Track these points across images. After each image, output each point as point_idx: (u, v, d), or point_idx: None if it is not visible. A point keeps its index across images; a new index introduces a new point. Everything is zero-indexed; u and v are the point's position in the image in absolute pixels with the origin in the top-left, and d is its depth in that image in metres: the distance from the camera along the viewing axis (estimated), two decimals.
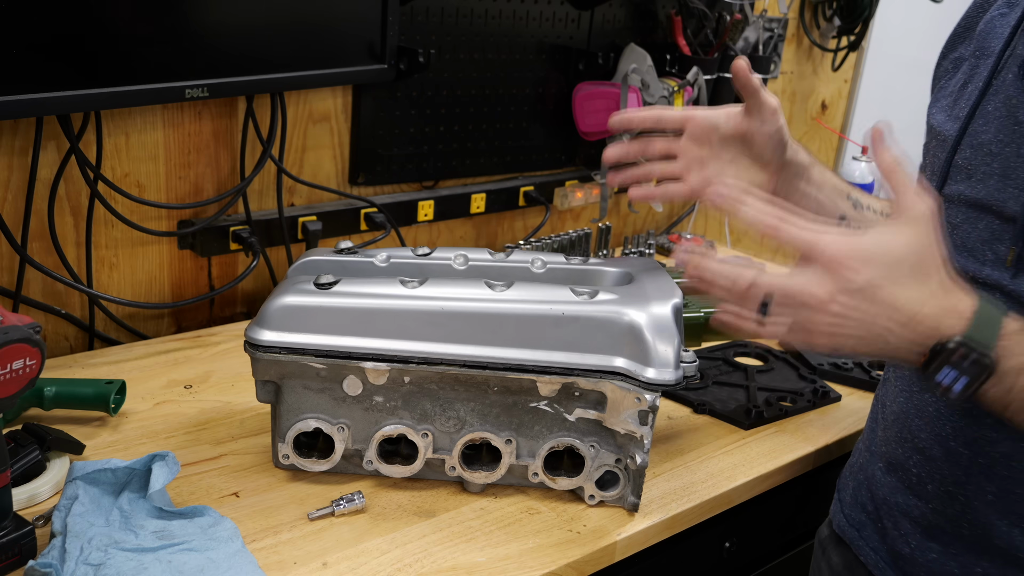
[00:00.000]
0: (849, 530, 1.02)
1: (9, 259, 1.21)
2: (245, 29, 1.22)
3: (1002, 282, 0.83)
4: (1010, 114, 0.84)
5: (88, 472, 0.90)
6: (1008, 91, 0.84)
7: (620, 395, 0.93)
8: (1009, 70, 0.86)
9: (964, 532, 0.88)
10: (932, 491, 0.91)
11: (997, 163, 0.84)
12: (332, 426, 0.97)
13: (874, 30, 2.34)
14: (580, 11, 1.70)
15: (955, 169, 0.89)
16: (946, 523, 0.90)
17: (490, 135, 1.67)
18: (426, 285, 0.95)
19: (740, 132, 1.01)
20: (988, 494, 0.86)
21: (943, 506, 0.90)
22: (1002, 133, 0.84)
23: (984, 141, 0.86)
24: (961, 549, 0.89)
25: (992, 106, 0.86)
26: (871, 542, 0.99)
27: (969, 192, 0.86)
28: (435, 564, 0.89)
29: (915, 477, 0.92)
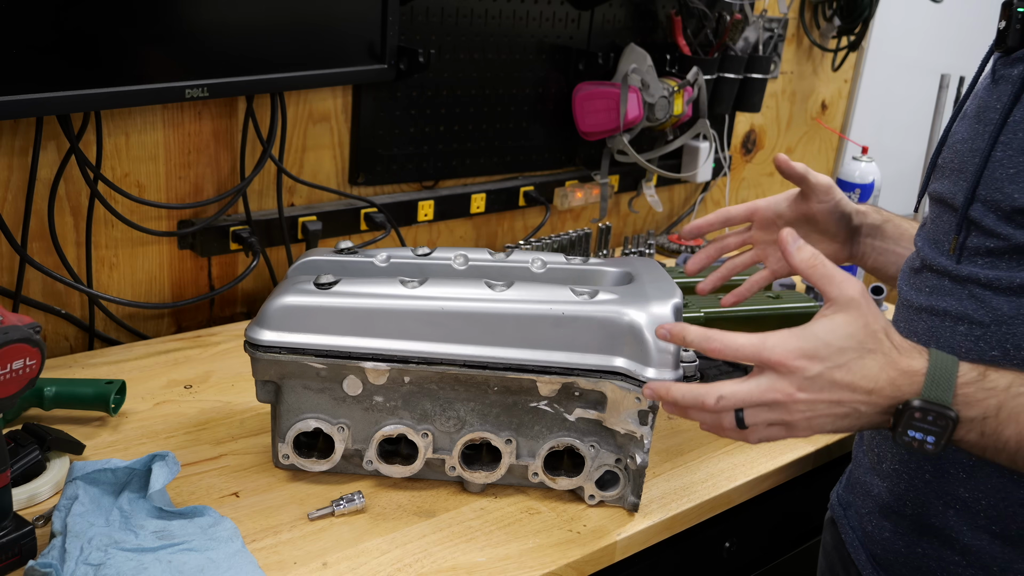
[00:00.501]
0: (838, 508, 1.05)
1: (9, 259, 1.21)
2: (245, 29, 1.22)
3: (948, 268, 0.87)
4: (977, 114, 0.88)
5: (88, 472, 0.90)
6: (981, 93, 0.89)
7: (620, 395, 0.93)
8: (988, 75, 0.90)
9: (907, 511, 0.91)
10: (885, 469, 0.94)
11: (958, 160, 0.88)
12: (332, 426, 0.97)
13: (874, 30, 2.34)
14: (580, 11, 1.70)
15: (937, 169, 0.94)
16: (894, 501, 0.92)
17: (490, 135, 1.67)
18: (426, 285, 0.95)
19: (802, 213, 1.10)
20: (926, 473, 0.88)
21: (893, 484, 0.93)
22: (968, 132, 0.88)
23: (956, 140, 0.90)
24: (906, 528, 0.92)
25: (971, 108, 0.90)
26: (852, 520, 1.02)
27: (938, 188, 0.91)
28: (435, 564, 0.89)
29: (876, 456, 0.96)
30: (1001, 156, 0.82)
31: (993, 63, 0.89)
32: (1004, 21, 0.85)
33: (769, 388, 0.77)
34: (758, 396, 0.77)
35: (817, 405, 0.77)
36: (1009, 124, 0.81)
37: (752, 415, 0.79)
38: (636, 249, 1.79)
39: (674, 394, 0.81)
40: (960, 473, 0.85)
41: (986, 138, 0.83)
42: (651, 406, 0.92)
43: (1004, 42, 0.85)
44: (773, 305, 1.52)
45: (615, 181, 1.89)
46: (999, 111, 0.83)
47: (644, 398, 0.91)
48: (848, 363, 0.76)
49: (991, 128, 0.83)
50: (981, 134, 0.85)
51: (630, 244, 1.82)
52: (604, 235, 1.74)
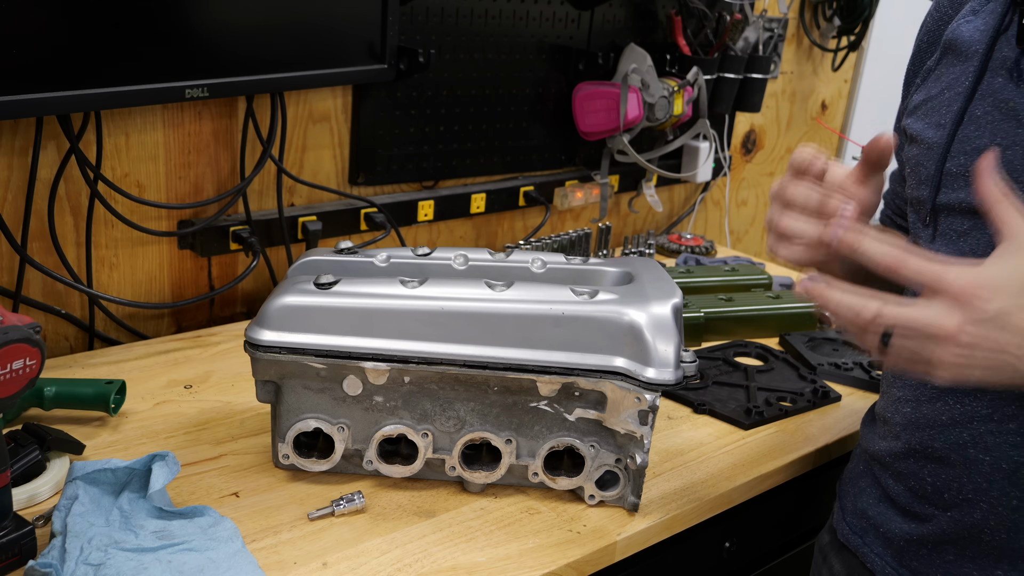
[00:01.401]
0: (852, 536, 1.01)
1: (9, 259, 1.21)
2: (245, 29, 1.22)
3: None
4: (1006, 116, 0.83)
5: (88, 472, 0.90)
6: (999, 95, 0.84)
7: (620, 395, 0.93)
8: (996, 74, 0.85)
9: (985, 538, 0.87)
10: (950, 499, 0.90)
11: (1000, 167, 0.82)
12: (332, 426, 0.97)
13: (874, 30, 2.34)
14: (580, 11, 1.70)
15: (948, 176, 0.88)
16: (965, 530, 0.89)
17: (490, 135, 1.67)
18: (426, 285, 0.95)
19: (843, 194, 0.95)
20: (1013, 499, 0.85)
21: (963, 514, 0.89)
22: (999, 136, 0.83)
23: (980, 146, 0.85)
24: (979, 552, 0.88)
25: (981, 110, 0.86)
26: (874, 547, 0.98)
27: (969, 199, 0.85)
28: (435, 564, 0.89)
29: (930, 487, 0.91)
30: None
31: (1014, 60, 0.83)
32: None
33: (934, 319, 0.70)
34: (920, 324, 0.71)
35: (978, 350, 0.70)
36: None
37: (901, 342, 0.72)
38: (636, 249, 1.79)
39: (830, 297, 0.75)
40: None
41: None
42: (651, 406, 0.92)
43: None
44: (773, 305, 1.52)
45: (615, 181, 1.89)
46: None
47: (643, 400, 0.91)
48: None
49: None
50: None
51: (630, 244, 1.82)
52: (604, 235, 1.75)
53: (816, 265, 0.91)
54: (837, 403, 1.32)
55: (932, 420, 0.90)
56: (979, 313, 0.70)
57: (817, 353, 1.44)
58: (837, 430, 1.24)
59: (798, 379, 1.37)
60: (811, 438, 1.21)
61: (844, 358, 1.43)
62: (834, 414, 1.28)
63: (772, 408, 1.26)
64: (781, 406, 1.27)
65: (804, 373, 1.39)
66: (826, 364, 1.41)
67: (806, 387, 1.34)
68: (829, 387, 1.34)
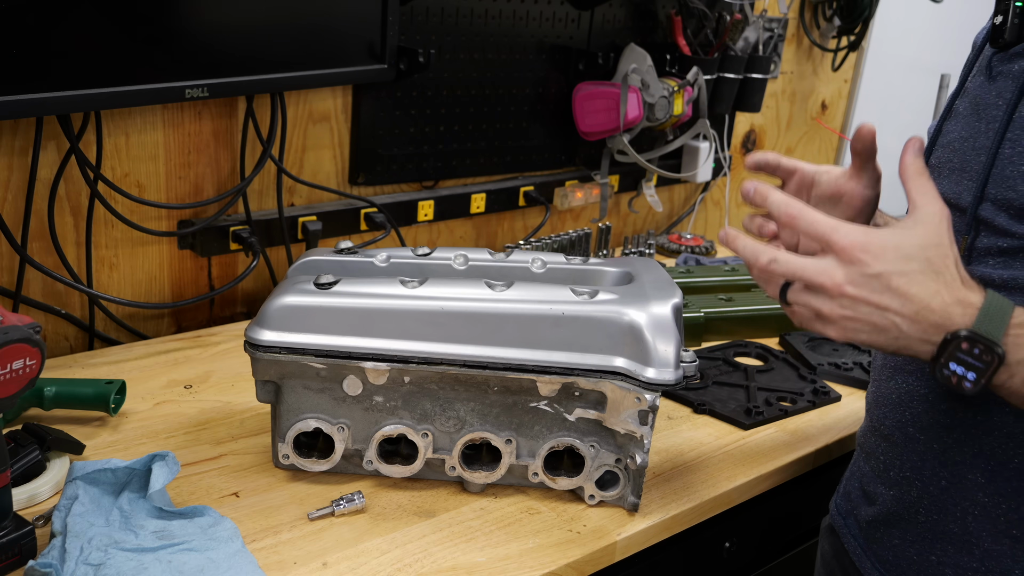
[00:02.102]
0: (837, 518, 1.05)
1: (9, 259, 1.21)
2: (245, 29, 1.22)
3: None
4: (974, 111, 0.86)
5: (88, 472, 0.90)
6: (976, 91, 0.87)
7: (620, 395, 0.93)
8: (980, 72, 0.88)
9: (920, 518, 0.90)
10: (894, 477, 0.93)
11: (957, 159, 0.87)
12: (332, 426, 0.97)
13: (874, 30, 2.34)
14: (580, 11, 1.70)
15: (930, 169, 0.90)
16: (904, 509, 0.92)
17: (490, 135, 1.67)
18: (426, 285, 0.95)
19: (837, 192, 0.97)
20: (942, 480, 0.87)
21: (902, 492, 0.92)
22: (966, 130, 0.87)
23: (952, 139, 0.89)
24: (917, 535, 0.91)
25: (963, 106, 0.89)
26: (852, 530, 1.01)
27: (944, 190, 0.88)
28: (435, 564, 0.89)
29: (882, 464, 0.95)
30: (1010, 153, 0.80)
31: (988, 59, 0.87)
32: (1000, 16, 0.83)
33: (822, 271, 0.75)
34: (809, 274, 0.75)
35: (861, 307, 0.74)
36: (1016, 120, 0.80)
37: (796, 293, 0.77)
38: (636, 249, 1.79)
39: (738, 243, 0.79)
40: (979, 478, 0.84)
41: (990, 136, 0.82)
42: (651, 406, 0.92)
43: (1001, 37, 0.84)
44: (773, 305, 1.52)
45: (615, 181, 1.89)
46: (1001, 107, 0.82)
47: (643, 400, 0.91)
48: (910, 273, 0.73)
49: (995, 125, 0.82)
50: (983, 132, 0.84)
51: (630, 244, 1.82)
52: (604, 235, 1.75)
53: None
54: (837, 403, 1.32)
55: (887, 398, 0.94)
56: (861, 270, 0.73)
57: (817, 353, 1.44)
58: (837, 430, 1.24)
59: (798, 379, 1.37)
60: (811, 438, 1.21)
61: (844, 358, 1.43)
62: (834, 414, 1.28)
63: (772, 408, 1.26)
64: (781, 406, 1.27)
65: (804, 373, 1.39)
66: (826, 364, 1.41)
67: (806, 387, 1.34)
68: (829, 387, 1.34)
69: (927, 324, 0.74)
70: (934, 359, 0.74)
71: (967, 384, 0.73)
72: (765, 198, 0.79)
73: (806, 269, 0.75)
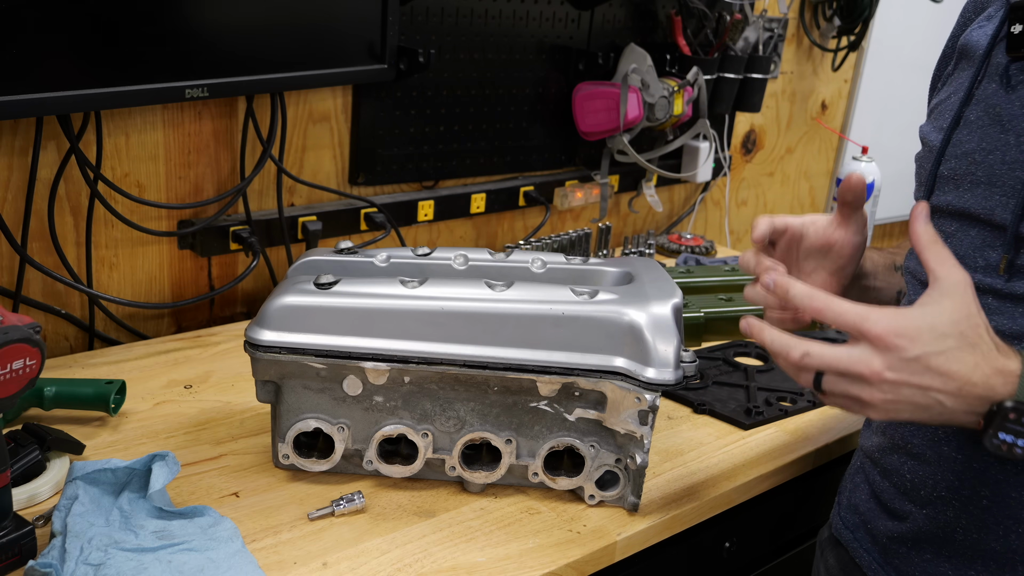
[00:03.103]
0: (845, 531, 1.02)
1: (9, 259, 1.21)
2: (245, 29, 1.22)
3: (995, 286, 0.84)
4: (993, 122, 0.84)
5: (88, 472, 0.90)
6: (991, 100, 0.85)
7: (620, 395, 0.93)
8: (991, 79, 0.86)
9: (958, 537, 0.88)
10: (926, 496, 0.91)
11: (982, 171, 0.85)
12: (332, 426, 0.97)
13: (874, 30, 2.34)
14: (580, 11, 1.70)
15: (941, 179, 0.90)
16: (939, 528, 0.90)
17: (490, 135, 1.67)
18: (426, 285, 0.95)
19: (826, 242, 0.97)
20: (983, 499, 0.86)
21: (937, 512, 0.90)
22: (985, 141, 0.85)
23: (968, 150, 0.87)
24: (953, 552, 0.89)
25: (974, 115, 0.87)
26: (864, 543, 0.99)
27: (957, 202, 0.87)
28: (435, 564, 0.89)
29: (908, 482, 0.93)
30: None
31: (1004, 68, 0.85)
32: (1020, 25, 0.82)
33: (859, 360, 0.74)
34: (845, 365, 0.74)
35: (903, 389, 0.73)
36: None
37: (831, 383, 0.76)
38: (636, 249, 1.79)
39: (765, 336, 0.79)
40: (1023, 495, 0.83)
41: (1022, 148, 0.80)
42: (651, 406, 0.92)
43: (1021, 47, 0.82)
44: None
45: (615, 181, 1.89)
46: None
47: (643, 400, 0.91)
48: (947, 351, 0.73)
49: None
50: (1013, 144, 0.82)
51: (630, 244, 1.82)
52: (604, 235, 1.74)
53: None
54: None
55: None
56: (900, 355, 0.73)
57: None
58: (837, 430, 1.24)
59: None
60: (811, 438, 1.21)
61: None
62: (834, 414, 1.28)
63: (772, 408, 1.26)
64: (781, 406, 1.27)
65: None
66: None
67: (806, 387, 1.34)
68: None
69: (971, 398, 0.74)
70: (983, 430, 0.74)
71: (1018, 451, 0.73)
72: (787, 291, 0.79)
73: (840, 360, 0.75)
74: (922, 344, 0.73)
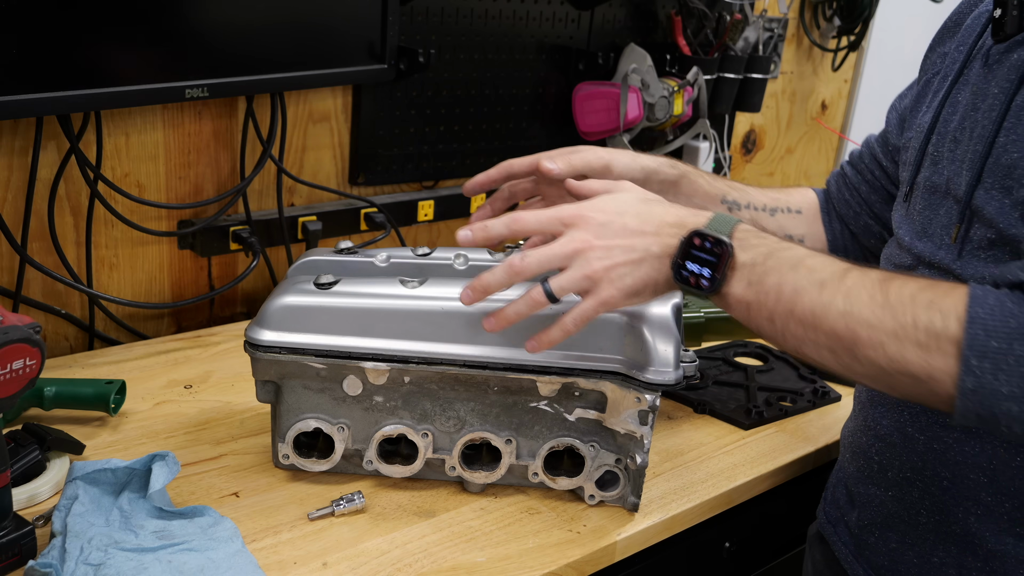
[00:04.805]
0: (827, 526, 1.04)
1: (9, 259, 1.21)
2: (245, 29, 1.22)
3: (950, 264, 0.85)
4: (972, 103, 0.86)
5: (88, 472, 0.90)
6: (975, 81, 0.87)
7: (620, 395, 0.93)
8: (978, 60, 0.88)
9: (921, 519, 0.90)
10: (892, 478, 0.92)
11: (959, 149, 0.86)
12: (332, 426, 0.97)
13: (874, 30, 2.34)
14: (580, 11, 1.70)
15: (927, 157, 0.92)
16: (904, 511, 0.91)
17: (490, 135, 1.67)
18: (426, 285, 0.95)
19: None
20: (944, 480, 0.87)
21: (901, 493, 0.91)
22: (965, 120, 0.86)
23: (950, 129, 0.89)
24: (918, 537, 0.90)
25: (962, 96, 0.89)
26: (843, 536, 1.00)
27: (933, 178, 0.90)
28: (435, 564, 0.89)
29: (876, 464, 0.94)
30: (1004, 141, 0.80)
31: (987, 50, 0.87)
32: (1000, 9, 0.84)
33: (568, 241, 0.82)
34: (559, 248, 0.82)
35: (613, 251, 0.81)
36: (1013, 109, 0.80)
37: (560, 280, 0.83)
38: None
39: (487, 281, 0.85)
40: (981, 477, 0.84)
41: (988, 124, 0.82)
42: (651, 406, 0.92)
43: (1002, 30, 0.84)
44: None
45: None
46: (999, 96, 0.82)
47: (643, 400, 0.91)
48: (635, 211, 0.83)
49: (993, 114, 0.81)
50: (980, 121, 0.84)
51: None
52: None
53: None
54: (837, 403, 1.32)
55: (883, 398, 0.94)
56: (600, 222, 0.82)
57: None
58: (837, 430, 1.24)
59: (798, 379, 1.37)
60: (811, 438, 1.21)
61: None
62: (834, 414, 1.28)
63: (772, 408, 1.26)
64: (781, 406, 1.27)
65: (804, 373, 1.39)
66: None
67: (806, 387, 1.34)
68: (829, 387, 1.34)
69: (670, 240, 0.82)
70: (673, 262, 0.81)
71: (704, 282, 0.80)
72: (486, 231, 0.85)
73: (554, 248, 0.82)
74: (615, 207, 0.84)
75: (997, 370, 0.68)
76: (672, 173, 1.06)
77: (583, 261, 0.82)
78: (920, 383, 0.72)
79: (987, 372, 0.69)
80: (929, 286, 0.73)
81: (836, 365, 0.77)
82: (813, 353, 0.78)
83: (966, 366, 0.69)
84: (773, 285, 0.78)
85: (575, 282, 0.83)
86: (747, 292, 0.79)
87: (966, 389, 0.69)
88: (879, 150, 1.10)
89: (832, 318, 0.75)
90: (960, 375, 0.69)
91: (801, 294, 0.77)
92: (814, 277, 0.77)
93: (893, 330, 0.72)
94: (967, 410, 0.70)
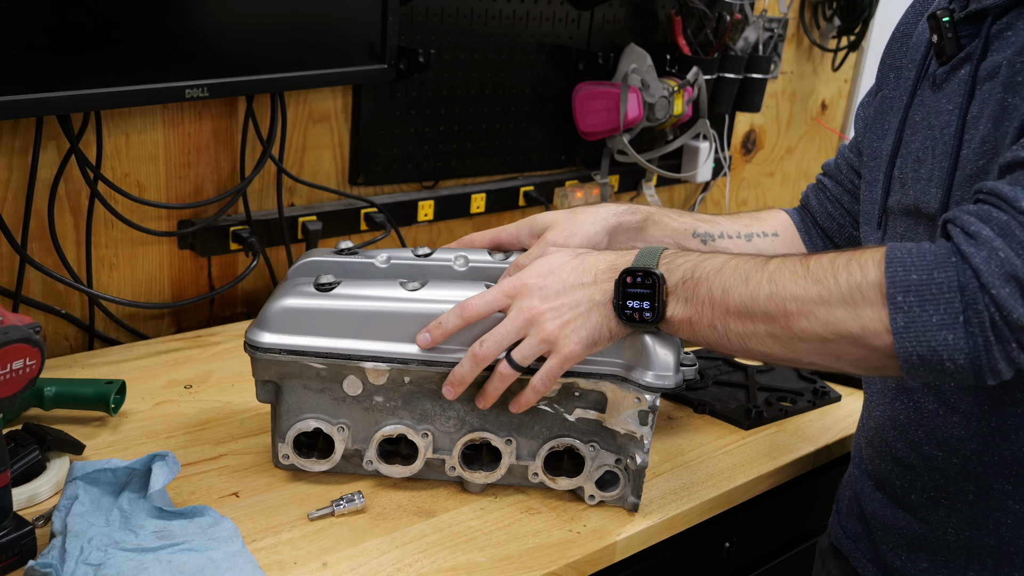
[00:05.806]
0: (846, 541, 1.02)
1: (9, 259, 1.21)
2: (245, 29, 1.22)
3: None
4: (928, 122, 0.88)
5: (88, 472, 0.90)
6: (928, 102, 0.89)
7: (620, 395, 0.93)
8: (927, 82, 0.90)
9: (950, 538, 0.88)
10: (915, 500, 0.91)
11: (924, 169, 0.87)
12: (332, 426, 0.97)
13: (874, 30, 2.34)
14: (580, 11, 1.70)
15: (894, 181, 0.93)
16: (931, 531, 0.90)
17: (490, 135, 1.67)
18: (426, 288, 0.95)
19: None
20: (968, 494, 0.86)
21: (928, 514, 0.90)
22: (928, 141, 0.88)
23: (912, 150, 0.90)
24: (950, 556, 0.89)
25: (918, 116, 0.90)
26: (866, 554, 0.98)
27: (905, 200, 0.90)
28: (435, 564, 0.89)
29: (899, 489, 0.93)
30: (967, 153, 0.81)
31: (933, 73, 0.89)
32: (936, 35, 0.87)
33: (517, 312, 0.87)
34: (511, 323, 0.87)
35: (561, 309, 0.86)
36: (969, 120, 0.81)
37: (522, 350, 0.87)
38: None
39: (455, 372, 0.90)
40: (1006, 485, 0.83)
41: (948, 140, 0.83)
42: (651, 406, 0.92)
43: (944, 53, 0.86)
44: None
45: (615, 181, 1.88)
46: (953, 112, 0.83)
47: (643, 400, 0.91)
48: (570, 266, 0.88)
49: (951, 129, 0.82)
50: (940, 139, 0.85)
51: None
52: None
53: None
54: (837, 403, 1.32)
55: (894, 420, 0.93)
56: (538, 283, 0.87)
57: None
58: (837, 430, 1.24)
59: (798, 379, 1.37)
60: (811, 438, 1.21)
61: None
62: (834, 414, 1.28)
63: (772, 408, 1.26)
64: (781, 406, 1.27)
65: (804, 373, 1.39)
66: None
67: (806, 387, 1.34)
68: (829, 387, 1.34)
69: (604, 283, 0.86)
70: (616, 307, 0.85)
71: (647, 315, 0.84)
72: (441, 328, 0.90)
73: (506, 325, 0.87)
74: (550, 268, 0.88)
75: (923, 301, 0.70)
76: (634, 219, 1.07)
77: (536, 328, 0.86)
78: (859, 343, 0.74)
79: (914, 305, 0.70)
80: (848, 252, 0.76)
81: (782, 351, 0.79)
82: (759, 345, 0.80)
83: (893, 304, 0.71)
84: (705, 294, 0.82)
85: (534, 347, 0.87)
86: (686, 310, 0.83)
87: (899, 328, 0.71)
88: (855, 159, 1.10)
89: (762, 301, 0.78)
90: (890, 315, 0.71)
91: (730, 291, 0.80)
92: (739, 273, 0.80)
93: (819, 295, 0.74)
94: (908, 353, 0.71)
